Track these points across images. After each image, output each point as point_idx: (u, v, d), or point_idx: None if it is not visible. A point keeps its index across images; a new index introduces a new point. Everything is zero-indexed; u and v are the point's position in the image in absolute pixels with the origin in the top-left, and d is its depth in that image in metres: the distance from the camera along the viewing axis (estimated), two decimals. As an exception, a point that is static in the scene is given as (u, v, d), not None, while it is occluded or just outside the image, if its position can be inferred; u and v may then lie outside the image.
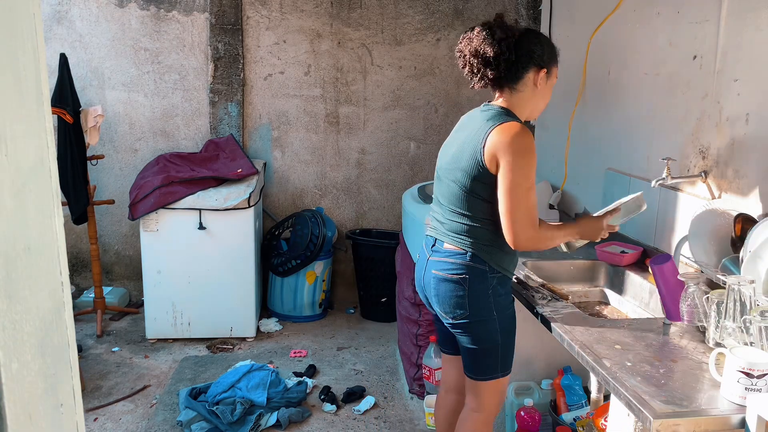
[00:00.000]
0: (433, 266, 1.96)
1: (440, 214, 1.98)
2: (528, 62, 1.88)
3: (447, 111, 4.28)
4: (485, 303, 1.90)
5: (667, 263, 1.82)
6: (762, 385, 1.34)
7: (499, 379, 1.99)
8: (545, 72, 1.90)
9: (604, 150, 2.90)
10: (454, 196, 1.92)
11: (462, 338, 1.96)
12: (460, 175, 1.88)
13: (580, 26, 3.13)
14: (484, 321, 1.91)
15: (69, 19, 3.94)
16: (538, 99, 1.94)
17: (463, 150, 1.90)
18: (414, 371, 3.07)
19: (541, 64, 1.89)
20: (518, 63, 1.88)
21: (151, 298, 3.59)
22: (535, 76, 1.90)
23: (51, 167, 0.76)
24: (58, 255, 0.77)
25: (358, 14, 4.12)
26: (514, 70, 1.88)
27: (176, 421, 2.80)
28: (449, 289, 1.92)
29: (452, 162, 1.93)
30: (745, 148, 2.03)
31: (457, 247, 1.91)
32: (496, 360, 1.96)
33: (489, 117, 1.88)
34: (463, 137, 1.93)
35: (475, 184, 1.86)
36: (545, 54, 1.90)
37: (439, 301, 1.96)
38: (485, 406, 2.02)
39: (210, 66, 4.05)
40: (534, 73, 1.89)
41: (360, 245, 4.07)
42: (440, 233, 1.97)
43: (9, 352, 0.64)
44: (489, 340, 1.93)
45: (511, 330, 1.97)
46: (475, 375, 1.98)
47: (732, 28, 2.08)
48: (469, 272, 1.89)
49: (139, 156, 4.11)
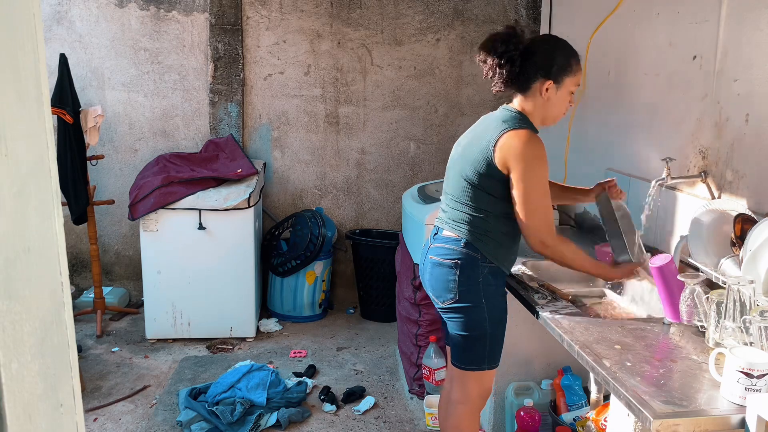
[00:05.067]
0: (432, 252, 2.04)
1: (445, 203, 2.06)
2: (534, 74, 1.91)
3: (447, 111, 4.28)
4: (475, 289, 1.95)
5: (667, 263, 1.82)
6: (762, 385, 1.34)
7: (486, 371, 2.03)
8: (552, 83, 1.91)
9: (604, 150, 2.90)
10: (459, 187, 1.99)
11: (451, 324, 2.01)
12: (467, 168, 1.95)
13: (580, 26, 3.13)
14: (473, 307, 1.95)
15: (69, 19, 3.94)
16: (550, 108, 1.96)
17: (474, 145, 1.96)
18: (414, 371, 3.07)
19: (547, 76, 1.91)
20: (524, 74, 1.92)
21: (151, 298, 3.59)
22: (541, 87, 1.92)
23: (51, 167, 0.76)
24: (58, 255, 0.77)
25: (358, 14, 4.12)
26: (522, 81, 1.93)
27: (176, 422, 2.80)
28: (442, 273, 1.99)
29: (462, 155, 2.00)
30: (744, 148, 2.03)
31: (454, 234, 1.99)
32: (484, 350, 2.00)
33: (504, 119, 1.94)
34: (476, 133, 2.00)
35: (480, 178, 1.92)
36: (554, 65, 1.91)
37: (431, 284, 2.04)
38: (470, 398, 2.06)
39: (210, 66, 4.05)
40: (540, 84, 1.92)
41: (360, 245, 4.07)
42: (442, 221, 2.05)
43: (9, 352, 0.64)
44: (477, 327, 1.97)
45: (500, 322, 2.01)
46: (463, 364, 2.03)
47: (732, 28, 2.08)
48: (461, 258, 1.96)
49: (139, 156, 4.11)
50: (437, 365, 2.93)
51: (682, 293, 1.75)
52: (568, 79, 1.94)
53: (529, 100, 1.96)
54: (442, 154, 4.30)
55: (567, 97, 1.96)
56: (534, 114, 1.97)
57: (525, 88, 1.95)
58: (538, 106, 1.96)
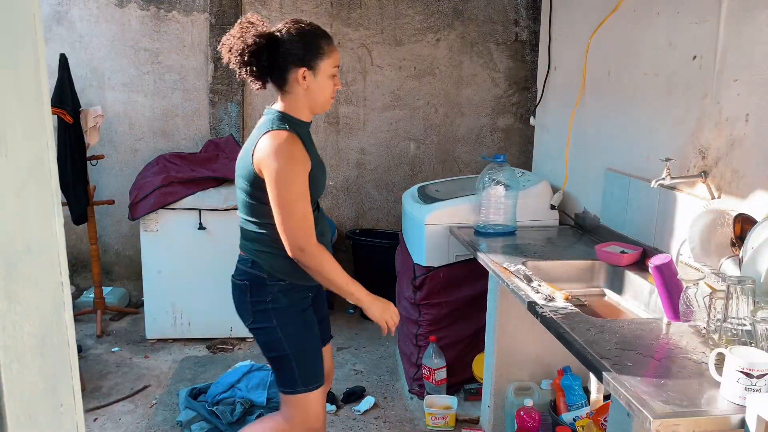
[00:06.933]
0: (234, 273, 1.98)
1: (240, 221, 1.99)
2: (286, 65, 1.83)
3: (447, 111, 4.28)
4: (263, 310, 1.89)
5: (666, 263, 1.82)
6: (762, 385, 1.34)
7: (303, 394, 1.92)
8: (306, 70, 1.83)
9: (604, 150, 2.90)
10: (241, 202, 1.93)
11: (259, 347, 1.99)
12: (241, 181, 1.89)
13: (580, 26, 3.13)
14: (266, 329, 1.91)
15: (69, 19, 3.94)
16: (314, 95, 1.87)
17: (242, 157, 1.90)
18: (414, 371, 3.07)
19: (300, 64, 1.82)
20: (276, 68, 1.84)
21: (151, 298, 3.59)
22: (298, 76, 1.83)
23: (51, 167, 0.76)
24: (58, 255, 0.77)
25: (358, 14, 4.12)
26: (277, 75, 1.85)
27: (176, 421, 2.80)
28: (237, 295, 1.96)
29: (237, 168, 1.92)
30: (744, 148, 2.03)
31: (243, 253, 1.95)
32: (293, 372, 1.91)
33: (264, 122, 1.88)
34: (246, 144, 1.92)
35: (254, 190, 1.85)
36: (302, 51, 1.82)
37: (235, 306, 1.98)
38: (292, 421, 1.95)
39: (210, 66, 4.05)
40: (295, 74, 1.83)
41: (360, 245, 4.07)
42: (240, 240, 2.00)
43: (9, 352, 0.64)
44: (275, 348, 1.91)
45: (301, 340, 1.92)
46: (279, 386, 1.97)
47: (732, 28, 2.08)
48: (249, 279, 1.91)
49: (139, 156, 4.11)
50: (437, 365, 2.93)
51: (682, 293, 1.75)
52: (324, 63, 1.84)
53: (290, 94, 1.87)
54: (442, 154, 4.31)
55: (329, 81, 1.87)
56: (298, 107, 1.88)
57: (282, 80, 1.85)
58: (301, 97, 1.86)
